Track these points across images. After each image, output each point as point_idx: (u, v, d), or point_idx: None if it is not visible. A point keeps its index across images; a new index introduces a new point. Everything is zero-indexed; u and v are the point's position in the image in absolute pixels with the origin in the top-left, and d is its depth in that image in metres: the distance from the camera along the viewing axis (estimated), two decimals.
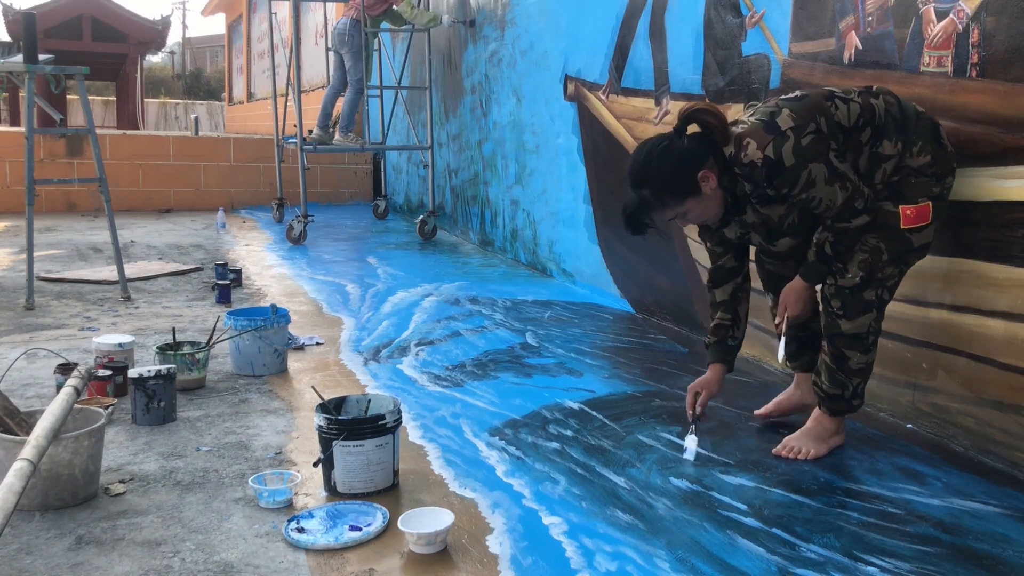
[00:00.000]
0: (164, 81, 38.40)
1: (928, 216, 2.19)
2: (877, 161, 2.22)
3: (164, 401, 2.58)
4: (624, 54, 4.15)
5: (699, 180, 2.24)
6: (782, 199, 2.23)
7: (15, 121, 17.17)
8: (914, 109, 2.26)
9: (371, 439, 2.09)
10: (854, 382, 2.30)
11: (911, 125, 2.22)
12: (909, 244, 2.21)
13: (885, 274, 2.21)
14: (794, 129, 2.14)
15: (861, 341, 2.25)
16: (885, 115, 2.21)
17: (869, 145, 2.21)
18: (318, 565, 1.77)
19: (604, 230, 4.50)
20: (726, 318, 2.51)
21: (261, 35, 14.56)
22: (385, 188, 8.92)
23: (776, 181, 2.16)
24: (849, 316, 2.23)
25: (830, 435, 2.38)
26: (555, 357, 3.37)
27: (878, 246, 2.20)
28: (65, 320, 3.91)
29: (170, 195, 9.10)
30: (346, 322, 3.97)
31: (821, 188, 2.15)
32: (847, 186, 2.16)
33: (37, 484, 1.95)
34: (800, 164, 2.13)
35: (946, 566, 1.79)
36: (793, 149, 2.13)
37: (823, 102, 2.21)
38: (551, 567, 1.78)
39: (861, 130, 2.21)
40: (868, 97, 2.24)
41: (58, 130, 5.36)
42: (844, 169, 2.17)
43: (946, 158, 2.23)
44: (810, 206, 2.20)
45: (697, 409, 2.46)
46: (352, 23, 6.78)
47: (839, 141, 2.19)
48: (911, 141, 2.20)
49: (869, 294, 2.21)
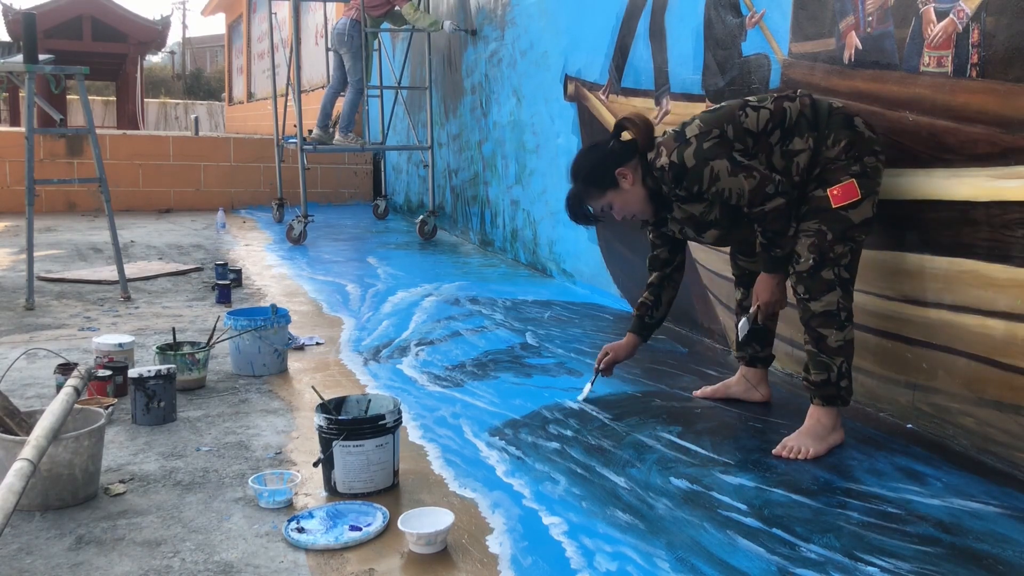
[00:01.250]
0: (164, 81, 38.40)
1: (855, 192, 2.36)
2: (789, 157, 2.44)
3: (164, 401, 2.58)
4: (624, 54, 4.15)
5: (617, 175, 2.56)
6: (697, 197, 2.51)
7: (15, 121, 17.17)
8: (828, 106, 2.46)
9: (371, 439, 2.09)
10: (837, 362, 2.39)
11: (823, 121, 2.43)
12: (848, 221, 2.36)
13: (836, 253, 2.36)
14: (698, 136, 2.44)
15: (834, 318, 2.37)
16: (797, 116, 2.44)
17: (780, 144, 2.44)
18: (318, 565, 1.77)
19: (604, 230, 4.50)
20: (649, 299, 2.86)
21: (261, 35, 14.56)
22: (385, 188, 8.92)
23: (684, 182, 2.45)
24: (814, 297, 2.38)
25: (828, 432, 2.41)
26: (555, 357, 3.37)
27: (820, 228, 2.37)
28: (65, 320, 3.91)
29: (170, 195, 9.10)
30: (346, 322, 3.97)
31: (726, 180, 2.40)
32: (753, 175, 2.38)
33: (37, 484, 1.95)
34: (701, 164, 2.41)
35: (946, 566, 1.79)
36: (694, 153, 2.42)
37: (734, 111, 2.48)
38: (551, 567, 1.78)
39: (770, 133, 2.45)
40: (783, 101, 2.47)
41: (58, 130, 5.36)
42: (750, 163, 2.41)
43: (863, 142, 2.40)
44: (723, 198, 2.45)
45: (602, 365, 2.88)
46: (352, 23, 6.78)
47: (747, 144, 2.44)
48: (823, 135, 2.42)
49: (827, 273, 2.37)
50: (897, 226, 2.57)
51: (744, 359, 2.83)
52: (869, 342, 2.70)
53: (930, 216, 2.44)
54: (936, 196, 2.42)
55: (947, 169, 2.39)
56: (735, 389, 2.84)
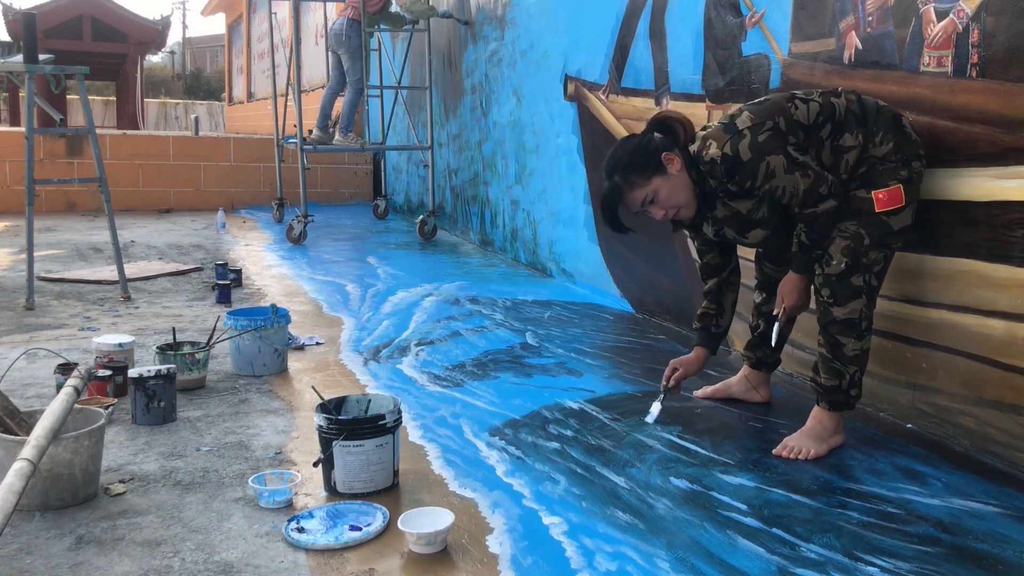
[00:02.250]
0: (164, 81, 38.39)
1: (901, 198, 2.29)
2: (839, 153, 2.35)
3: (164, 401, 2.58)
4: (624, 54, 4.15)
5: (663, 160, 2.39)
6: (747, 193, 2.38)
7: (15, 121, 17.17)
8: (874, 104, 2.38)
9: (371, 439, 2.09)
10: (850, 371, 2.35)
11: (871, 118, 2.34)
12: (888, 227, 2.30)
13: (870, 259, 2.30)
14: (751, 128, 2.31)
15: (854, 327, 2.32)
16: (845, 112, 2.35)
17: (830, 140, 2.35)
18: (318, 565, 1.77)
19: (604, 230, 4.50)
20: (711, 308, 2.72)
21: (261, 35, 14.56)
22: (385, 188, 8.92)
23: (737, 176, 2.32)
24: (839, 303, 2.32)
25: (830, 434, 2.40)
26: (555, 357, 3.37)
27: (858, 232, 2.30)
28: (65, 320, 3.91)
29: (170, 195, 9.10)
30: (346, 322, 3.97)
31: (781, 177, 2.29)
32: (808, 173, 2.29)
33: (37, 484, 1.95)
34: (757, 158, 2.29)
35: (946, 566, 1.79)
36: (749, 145, 2.29)
37: (783, 103, 2.37)
38: (551, 567, 1.78)
39: (821, 127, 2.35)
40: (829, 97, 2.38)
41: (58, 130, 5.36)
42: (804, 159, 2.31)
43: (910, 144, 2.33)
44: (775, 196, 2.34)
45: (671, 382, 2.70)
46: (350, 23, 6.77)
47: (799, 137, 2.34)
48: (872, 132, 2.33)
49: (856, 279, 2.30)
50: None
51: (751, 360, 2.80)
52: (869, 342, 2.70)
53: (930, 216, 2.44)
54: (936, 196, 2.42)
55: (947, 169, 2.39)
56: (736, 389, 2.83)
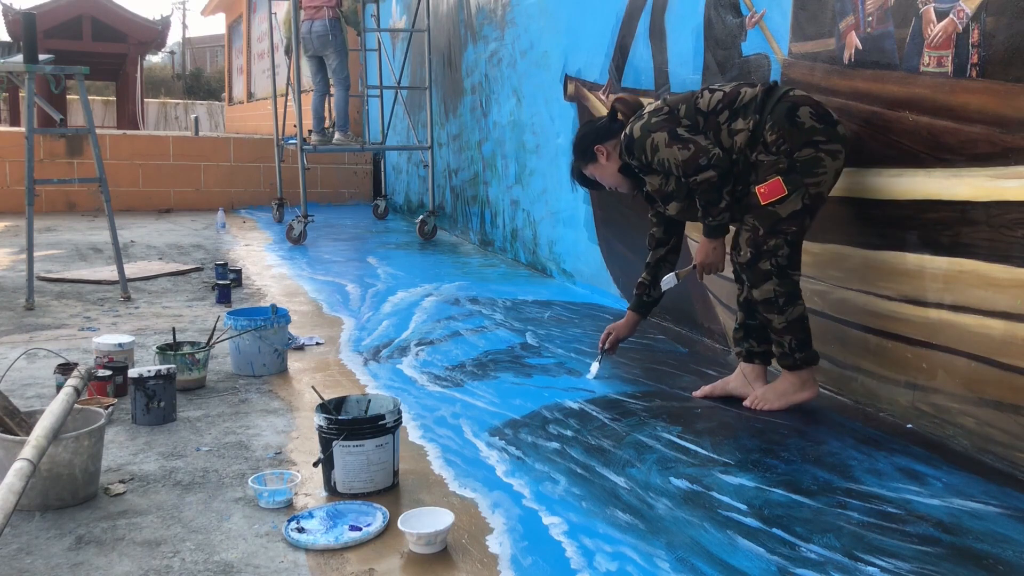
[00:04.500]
0: (164, 81, 38.38)
1: (781, 189, 2.53)
2: (732, 135, 2.63)
3: (164, 401, 2.58)
4: (624, 54, 4.15)
5: (595, 151, 2.91)
6: (648, 168, 2.73)
7: (15, 121, 17.17)
8: (781, 95, 2.59)
9: (371, 439, 2.09)
10: (786, 339, 2.63)
11: (768, 107, 2.58)
12: (776, 215, 2.54)
13: (770, 245, 2.56)
14: (650, 111, 2.72)
15: (773, 304, 2.60)
16: (750, 99, 2.62)
17: (727, 124, 2.63)
18: (318, 565, 1.77)
19: (604, 230, 4.50)
20: (647, 279, 3.12)
21: (261, 35, 14.55)
22: (385, 188, 8.92)
23: (633, 152, 2.73)
24: (755, 285, 2.62)
25: (794, 390, 2.67)
26: (555, 357, 3.37)
27: (754, 224, 2.58)
28: (65, 320, 3.91)
29: (170, 195, 9.10)
30: (346, 322, 3.97)
31: (663, 151, 2.65)
32: (688, 147, 2.60)
33: (37, 484, 1.95)
34: (644, 135, 2.68)
35: (946, 566, 1.79)
36: (642, 126, 2.70)
37: (692, 93, 2.73)
38: (551, 567, 1.77)
39: (719, 113, 2.64)
40: (743, 86, 2.67)
41: (58, 130, 5.36)
42: (688, 136, 2.62)
43: (799, 133, 2.52)
44: (665, 168, 2.68)
45: (607, 344, 3.16)
46: (332, 23, 6.86)
47: (697, 122, 2.66)
48: (764, 120, 2.57)
49: (764, 264, 2.58)
50: (897, 226, 2.57)
51: (741, 354, 2.85)
52: (869, 342, 2.70)
53: (930, 216, 2.44)
54: (936, 196, 2.42)
55: (947, 169, 2.39)
56: (733, 385, 2.85)
